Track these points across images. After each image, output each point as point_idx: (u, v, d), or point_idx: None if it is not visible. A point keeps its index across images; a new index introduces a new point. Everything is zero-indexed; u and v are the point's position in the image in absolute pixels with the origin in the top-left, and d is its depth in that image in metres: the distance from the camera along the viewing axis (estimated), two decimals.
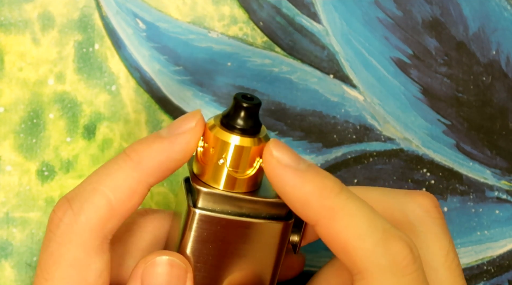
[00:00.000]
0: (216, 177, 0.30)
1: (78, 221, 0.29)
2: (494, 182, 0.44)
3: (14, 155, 0.39)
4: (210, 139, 0.30)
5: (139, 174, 0.29)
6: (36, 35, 0.39)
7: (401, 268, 0.28)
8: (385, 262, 0.28)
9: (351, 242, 0.28)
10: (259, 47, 0.41)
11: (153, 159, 0.29)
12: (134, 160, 0.29)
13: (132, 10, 0.39)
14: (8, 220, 0.39)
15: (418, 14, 0.42)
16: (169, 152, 0.29)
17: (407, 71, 0.42)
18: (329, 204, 0.29)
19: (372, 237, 0.28)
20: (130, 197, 0.29)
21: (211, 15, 0.40)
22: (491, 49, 0.42)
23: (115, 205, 0.29)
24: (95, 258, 0.29)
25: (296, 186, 0.29)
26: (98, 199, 0.29)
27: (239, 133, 0.30)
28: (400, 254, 0.28)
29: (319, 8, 0.41)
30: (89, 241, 0.29)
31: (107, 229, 0.29)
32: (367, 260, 0.28)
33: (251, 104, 0.30)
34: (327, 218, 0.29)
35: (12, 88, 0.39)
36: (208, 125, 0.30)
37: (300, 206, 0.29)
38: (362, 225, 0.28)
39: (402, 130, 0.42)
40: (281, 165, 0.29)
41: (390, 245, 0.28)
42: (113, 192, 0.29)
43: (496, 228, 0.44)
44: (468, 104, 0.43)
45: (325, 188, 0.29)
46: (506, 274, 0.44)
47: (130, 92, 0.40)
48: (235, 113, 0.30)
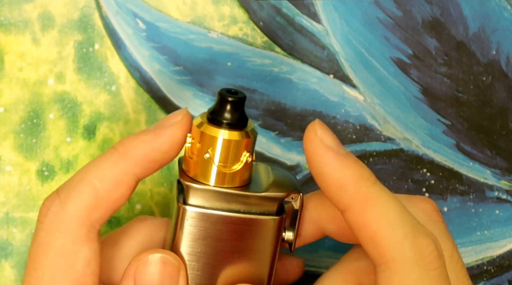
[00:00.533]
0: (205, 173, 0.30)
1: (65, 209, 0.29)
2: (494, 182, 0.44)
3: (14, 155, 0.39)
4: (198, 136, 0.30)
5: (125, 164, 0.30)
6: (36, 35, 0.39)
7: (426, 262, 0.28)
8: (412, 255, 0.28)
9: (381, 231, 0.29)
10: (259, 47, 0.41)
11: (139, 150, 0.30)
12: (120, 151, 0.30)
13: (132, 10, 0.39)
14: (8, 220, 0.39)
15: (418, 14, 0.42)
16: (155, 143, 0.30)
17: (407, 71, 0.42)
18: (364, 192, 0.29)
19: (402, 230, 0.29)
20: (116, 187, 0.30)
21: (211, 15, 0.40)
22: (491, 49, 0.42)
23: (102, 194, 0.29)
24: (83, 247, 0.29)
25: (335, 168, 0.29)
26: (85, 187, 0.29)
27: (226, 128, 0.30)
28: (426, 249, 0.29)
29: (319, 8, 0.41)
30: (76, 229, 0.29)
31: (94, 218, 0.29)
32: (395, 251, 0.28)
33: (236, 98, 0.30)
34: (360, 205, 0.29)
35: (12, 88, 0.39)
36: (195, 123, 0.30)
37: (336, 189, 0.29)
38: (393, 216, 0.29)
39: (402, 130, 0.42)
40: (324, 145, 0.29)
41: (418, 239, 0.29)
42: (100, 181, 0.29)
43: (496, 228, 0.44)
44: (468, 104, 0.43)
45: (362, 176, 0.29)
46: (506, 274, 0.44)
47: (130, 92, 0.40)
48: (221, 108, 0.30)
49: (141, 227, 0.33)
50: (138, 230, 0.33)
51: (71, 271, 0.29)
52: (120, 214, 0.40)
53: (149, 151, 0.30)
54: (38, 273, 0.29)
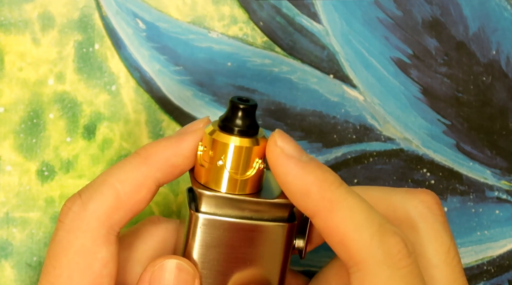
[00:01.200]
0: (217, 181, 0.30)
1: (86, 209, 0.29)
2: (494, 182, 0.44)
3: (14, 155, 0.39)
4: (210, 143, 0.30)
5: (147, 168, 0.30)
6: (36, 35, 0.39)
7: (395, 261, 0.28)
8: (380, 255, 0.28)
9: (348, 234, 0.29)
10: (259, 47, 0.41)
11: (160, 154, 0.30)
12: (142, 156, 0.30)
13: (132, 10, 0.39)
14: (8, 220, 0.39)
15: (418, 14, 0.42)
16: (176, 148, 0.30)
17: (407, 71, 0.42)
18: (328, 196, 0.29)
19: (368, 230, 0.29)
20: (138, 190, 0.30)
21: (211, 15, 0.40)
22: (491, 49, 0.42)
23: (123, 196, 0.30)
24: (102, 247, 0.29)
25: (297, 176, 0.29)
26: (106, 189, 0.30)
27: (238, 135, 0.30)
28: (394, 247, 0.29)
29: (319, 8, 0.41)
30: (96, 230, 0.29)
31: (114, 220, 0.30)
32: (363, 252, 0.28)
33: (248, 105, 0.30)
34: (326, 210, 0.29)
35: (12, 88, 0.39)
36: (207, 131, 0.31)
37: (300, 196, 0.29)
38: (360, 218, 0.29)
39: (402, 130, 0.42)
40: (285, 154, 0.30)
41: (385, 238, 0.29)
42: (121, 184, 0.30)
43: (496, 228, 0.44)
44: (468, 104, 0.43)
45: (325, 181, 0.29)
46: (506, 274, 0.44)
47: (130, 92, 0.40)
48: (233, 115, 0.30)
49: (155, 230, 0.33)
50: (151, 233, 0.33)
51: (88, 271, 0.29)
52: None
53: (171, 156, 0.30)
54: (56, 272, 0.29)
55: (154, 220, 0.34)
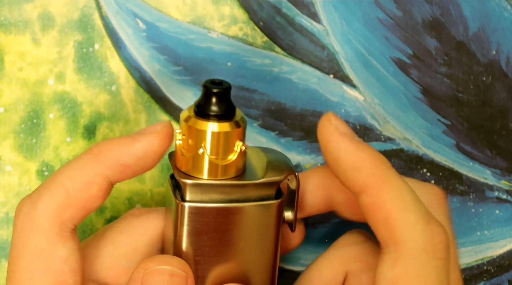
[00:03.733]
0: (200, 168, 0.30)
1: (35, 208, 0.29)
2: (494, 182, 0.44)
3: (14, 155, 0.39)
4: (187, 131, 0.30)
5: (97, 165, 0.30)
6: (36, 35, 0.39)
7: (435, 249, 0.29)
8: (422, 239, 0.29)
9: (395, 212, 0.29)
10: (259, 47, 0.41)
11: (112, 152, 0.30)
12: (93, 152, 0.30)
13: (132, 10, 0.39)
14: (8, 220, 0.39)
15: (418, 14, 0.42)
16: (129, 148, 0.30)
17: (407, 71, 0.42)
18: (380, 174, 0.29)
19: (415, 214, 0.29)
20: (87, 187, 0.30)
21: (211, 15, 0.40)
22: (491, 49, 0.42)
23: (72, 193, 0.29)
24: (57, 245, 0.29)
25: (351, 151, 0.30)
26: (55, 187, 0.29)
27: (215, 120, 0.29)
28: (437, 237, 0.29)
29: (319, 8, 0.41)
30: (48, 229, 0.29)
31: (65, 217, 0.29)
32: (406, 233, 0.29)
33: (222, 89, 0.29)
34: (376, 186, 0.29)
35: (12, 88, 0.39)
36: (182, 117, 0.30)
37: (352, 172, 0.30)
38: (408, 200, 0.29)
39: (402, 130, 0.42)
40: (339, 132, 0.30)
41: (430, 225, 0.29)
42: (70, 181, 0.29)
43: (496, 228, 0.44)
44: (468, 104, 0.43)
45: (378, 159, 0.30)
46: (506, 274, 0.44)
47: (130, 92, 0.40)
48: (207, 100, 0.30)
49: (136, 223, 0.33)
50: (133, 226, 0.33)
51: (48, 270, 0.29)
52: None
53: (122, 155, 0.30)
54: (16, 276, 0.29)
55: (135, 212, 0.34)
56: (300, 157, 0.42)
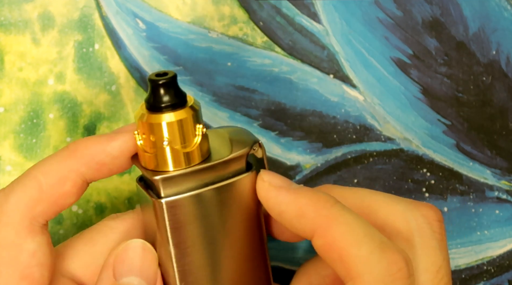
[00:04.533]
0: (166, 161, 0.30)
1: (7, 201, 0.29)
2: (494, 182, 0.44)
3: (14, 155, 0.39)
4: (145, 128, 0.30)
5: (72, 161, 0.30)
6: (36, 35, 0.39)
7: (394, 279, 0.28)
8: (378, 271, 0.28)
9: (347, 249, 0.28)
10: (259, 47, 0.41)
11: (88, 149, 0.30)
12: (70, 149, 0.30)
13: (132, 10, 0.39)
14: None
15: (418, 14, 0.42)
16: (105, 146, 0.30)
17: (407, 71, 0.42)
18: (325, 214, 0.29)
19: (368, 245, 0.28)
20: (61, 183, 0.30)
21: (211, 15, 0.40)
22: (491, 49, 0.42)
23: (45, 188, 0.29)
24: (26, 239, 0.29)
25: (290, 202, 0.29)
26: (28, 181, 0.30)
27: (169, 110, 0.29)
28: (395, 265, 0.28)
29: (319, 8, 0.41)
30: (18, 222, 0.29)
31: (37, 211, 0.30)
32: (361, 267, 0.28)
33: (167, 78, 0.29)
34: (323, 227, 0.29)
35: (12, 88, 0.39)
36: (137, 116, 0.30)
37: (297, 220, 0.29)
38: (358, 233, 0.28)
39: (402, 130, 0.42)
40: (273, 187, 0.30)
41: (386, 254, 0.28)
42: (44, 176, 0.30)
43: (496, 228, 0.44)
44: (468, 104, 0.43)
45: (319, 200, 0.29)
46: (506, 274, 0.44)
47: (130, 92, 0.40)
48: (156, 93, 0.29)
49: (114, 224, 0.33)
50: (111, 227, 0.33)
51: (14, 262, 0.29)
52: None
53: (99, 153, 0.30)
54: None
55: (113, 216, 0.34)
56: (300, 157, 0.42)
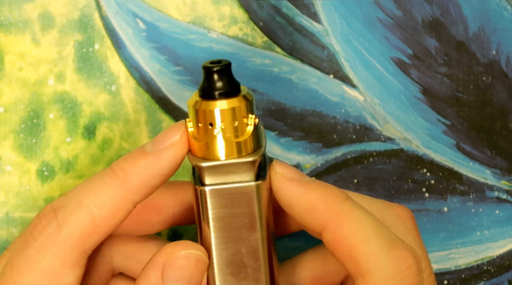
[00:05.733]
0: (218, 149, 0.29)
1: (61, 233, 0.29)
2: (494, 182, 0.44)
3: (14, 155, 0.39)
4: (198, 116, 0.29)
5: (125, 191, 0.29)
6: (36, 35, 0.39)
7: (403, 276, 0.28)
8: (388, 267, 0.28)
9: (356, 245, 0.28)
10: (259, 47, 0.41)
11: (138, 176, 0.29)
12: (120, 177, 0.29)
13: (132, 10, 0.39)
14: (8, 220, 0.39)
15: (418, 14, 0.42)
16: (154, 168, 0.29)
17: (407, 71, 0.42)
18: (335, 209, 0.29)
19: (378, 242, 0.28)
20: (115, 214, 0.29)
21: (211, 15, 0.40)
22: (491, 49, 0.42)
23: (99, 221, 0.29)
24: (69, 271, 0.29)
25: (301, 195, 0.29)
26: (83, 214, 0.29)
27: (223, 97, 0.29)
28: (404, 262, 0.28)
29: (319, 8, 0.41)
30: (67, 254, 0.29)
31: (88, 245, 0.29)
32: (370, 263, 0.28)
33: (222, 66, 0.29)
34: (333, 223, 0.29)
35: (12, 88, 0.39)
36: (190, 104, 0.30)
37: (307, 214, 0.29)
38: (369, 229, 0.29)
39: (402, 130, 0.42)
40: (286, 178, 0.30)
41: (396, 251, 0.28)
42: (98, 208, 0.29)
43: (496, 228, 0.44)
44: (468, 104, 0.43)
45: (331, 195, 0.29)
46: (506, 274, 0.44)
47: (130, 92, 0.40)
48: (210, 81, 0.29)
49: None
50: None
51: None
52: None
53: (149, 177, 0.30)
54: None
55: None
56: (300, 157, 0.42)
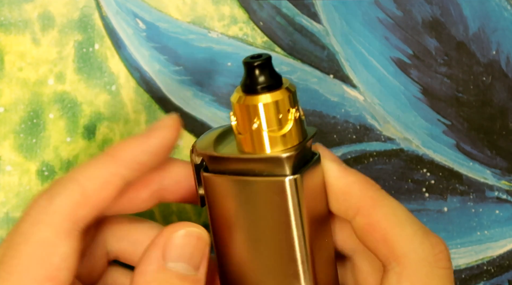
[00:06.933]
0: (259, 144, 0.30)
1: (52, 203, 0.30)
2: (494, 182, 0.44)
3: (14, 155, 0.39)
4: (243, 112, 0.29)
5: (113, 165, 0.30)
6: (36, 35, 0.39)
7: (436, 259, 0.29)
8: (422, 251, 0.29)
9: (391, 229, 0.29)
10: (259, 47, 0.41)
11: (127, 151, 0.30)
12: (109, 153, 0.31)
13: (132, 10, 0.39)
14: (8, 220, 0.39)
15: (418, 14, 0.42)
16: (144, 145, 0.31)
17: (407, 71, 0.42)
18: (370, 194, 0.30)
19: (411, 227, 0.29)
20: (104, 187, 0.30)
21: (211, 15, 0.40)
22: (491, 49, 0.42)
23: (89, 192, 0.30)
24: (63, 241, 0.30)
25: (339, 176, 0.30)
26: (73, 185, 0.30)
27: (266, 91, 0.29)
28: (437, 247, 0.29)
29: (319, 8, 0.41)
30: (60, 223, 0.30)
31: (79, 216, 0.30)
32: (405, 247, 0.29)
33: (262, 60, 0.29)
34: (368, 207, 0.30)
35: (12, 88, 0.39)
36: (234, 100, 0.30)
37: (342, 196, 0.30)
38: (402, 215, 0.30)
39: (402, 130, 0.42)
40: (326, 159, 0.31)
41: (428, 236, 0.29)
42: (88, 180, 0.30)
43: (496, 228, 0.44)
44: (468, 104, 0.43)
45: (367, 182, 0.30)
46: (506, 274, 0.44)
47: (130, 92, 0.40)
48: (251, 76, 0.29)
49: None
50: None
51: (47, 262, 0.30)
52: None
53: (138, 153, 0.30)
54: (14, 261, 0.29)
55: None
56: None
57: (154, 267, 0.30)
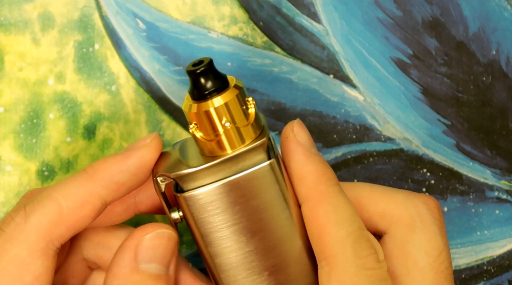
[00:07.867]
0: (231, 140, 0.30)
1: (28, 221, 0.30)
2: (494, 182, 0.44)
3: (14, 155, 0.39)
4: (199, 119, 0.30)
5: (92, 185, 0.30)
6: (36, 35, 0.39)
7: (364, 261, 0.30)
8: (350, 253, 0.30)
9: (327, 227, 0.30)
10: (259, 47, 0.41)
11: (106, 171, 0.30)
12: (88, 172, 0.31)
13: (132, 10, 0.39)
14: None
15: (418, 14, 0.42)
16: (122, 165, 0.30)
17: (407, 71, 0.42)
18: (321, 188, 0.30)
19: (347, 229, 0.30)
20: (81, 206, 0.30)
21: (211, 15, 0.40)
22: (491, 49, 0.43)
23: (65, 211, 0.30)
24: (37, 260, 0.30)
25: (300, 162, 0.31)
26: (50, 203, 0.30)
27: (215, 95, 0.30)
28: (365, 250, 0.30)
29: (319, 8, 0.41)
30: (34, 242, 0.30)
31: (55, 235, 0.30)
32: (335, 247, 0.30)
33: (204, 65, 0.30)
34: (314, 199, 0.30)
35: (12, 88, 0.39)
36: (186, 111, 0.30)
37: (297, 181, 0.31)
38: (342, 216, 0.30)
39: (402, 130, 0.42)
40: (296, 140, 0.31)
41: (360, 240, 0.30)
42: (65, 199, 0.30)
43: (496, 228, 0.44)
44: (468, 104, 0.43)
45: (324, 175, 0.31)
46: (506, 274, 0.44)
47: (130, 92, 0.40)
48: (198, 83, 0.30)
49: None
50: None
51: (18, 280, 0.29)
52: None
53: (116, 173, 0.30)
54: None
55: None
56: None
57: (127, 269, 0.30)
